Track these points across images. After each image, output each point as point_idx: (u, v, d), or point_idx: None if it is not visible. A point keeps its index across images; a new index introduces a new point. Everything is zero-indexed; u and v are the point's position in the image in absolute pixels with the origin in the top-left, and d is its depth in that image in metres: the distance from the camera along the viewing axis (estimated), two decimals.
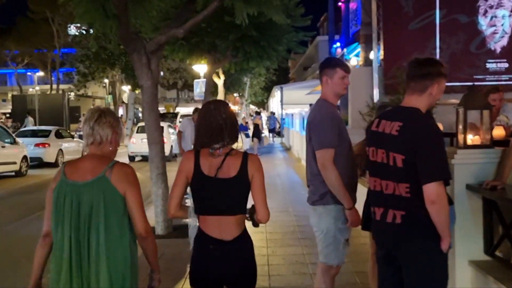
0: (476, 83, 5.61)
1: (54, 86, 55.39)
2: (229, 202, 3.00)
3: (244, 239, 3.06)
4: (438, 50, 10.83)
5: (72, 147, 22.07)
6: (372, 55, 15.70)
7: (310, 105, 25.32)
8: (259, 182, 3.03)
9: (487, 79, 10.99)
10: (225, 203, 3.00)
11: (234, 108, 51.66)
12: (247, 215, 3.08)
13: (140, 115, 63.76)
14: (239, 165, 2.99)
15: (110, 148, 2.94)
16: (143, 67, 7.87)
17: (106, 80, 40.80)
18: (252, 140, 24.62)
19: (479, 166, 4.21)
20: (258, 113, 35.07)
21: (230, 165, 2.99)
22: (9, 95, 54.55)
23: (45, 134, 20.95)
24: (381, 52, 11.26)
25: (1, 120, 47.46)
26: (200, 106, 10.16)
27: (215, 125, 3.01)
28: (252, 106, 63.89)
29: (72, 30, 38.28)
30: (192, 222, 3.15)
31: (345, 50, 20.77)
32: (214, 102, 3.26)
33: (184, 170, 3.04)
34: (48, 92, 53.48)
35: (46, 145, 19.96)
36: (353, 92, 10.80)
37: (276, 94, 45.81)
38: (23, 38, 53.68)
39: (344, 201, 3.87)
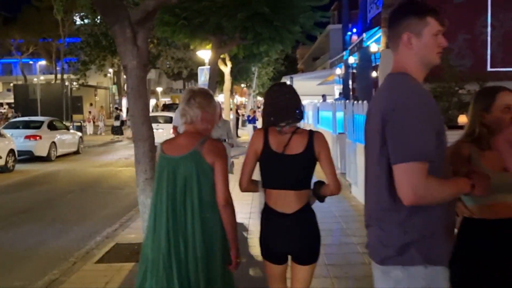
0: None
1: (59, 76, 54.14)
2: (295, 177, 3.19)
3: (305, 213, 3.22)
4: (489, 29, 9.03)
5: (67, 140, 20.49)
6: None
7: (323, 96, 23.65)
8: (326, 157, 3.19)
9: None
10: (291, 178, 3.19)
11: (241, 99, 50.11)
12: (312, 192, 3.27)
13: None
14: (305, 142, 3.18)
15: (203, 126, 3.20)
16: (127, 43, 6.16)
17: (110, 70, 39.36)
18: None
19: None
20: None
21: (297, 142, 3.18)
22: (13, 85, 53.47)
23: (37, 125, 19.34)
24: None
25: (4, 110, 46.44)
26: None
27: (280, 105, 3.25)
28: (259, 98, 62.43)
29: (77, 19, 36.87)
30: (260, 196, 3.41)
31: (364, 35, 18.92)
32: (278, 84, 3.50)
33: (254, 146, 3.26)
34: (53, 82, 52.32)
35: (37, 138, 18.39)
36: (382, 77, 9.00)
37: None
38: (28, 27, 53.34)
39: (460, 190, 2.30)
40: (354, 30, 22.92)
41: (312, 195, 3.27)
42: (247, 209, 8.98)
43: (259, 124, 25.22)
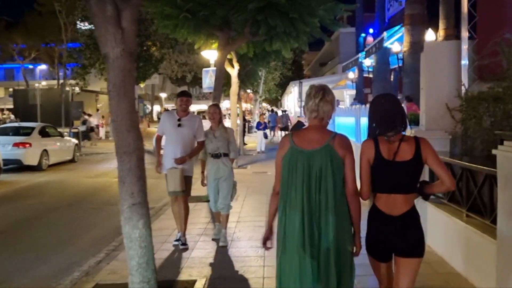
0: None
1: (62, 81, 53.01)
2: (404, 182, 3.50)
3: (411, 215, 3.51)
4: None
5: (60, 147, 18.96)
6: (432, 36, 12.34)
7: (337, 101, 22.07)
8: (435, 159, 3.47)
9: None
10: (401, 183, 3.49)
11: (246, 105, 48.54)
12: (418, 190, 3.57)
13: (147, 111, 61.31)
14: (414, 149, 3.47)
15: (328, 121, 3.55)
16: (108, 24, 4.63)
17: None
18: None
19: None
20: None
21: (406, 150, 3.47)
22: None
23: (28, 132, 17.84)
24: (463, 24, 7.79)
25: (4, 115, 45.12)
26: (210, 103, 7.89)
27: (388, 115, 3.52)
28: (264, 104, 60.84)
29: (80, 25, 35.49)
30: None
31: (384, 34, 17.33)
32: (384, 95, 3.72)
33: (366, 155, 3.56)
34: (56, 87, 51.10)
35: (27, 145, 16.87)
36: (429, 75, 7.42)
37: (293, 90, 42.57)
38: (30, 32, 52.73)
39: None
40: (371, 30, 21.34)
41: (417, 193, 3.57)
42: None
43: (268, 131, 23.82)
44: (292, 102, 44.25)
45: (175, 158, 6.81)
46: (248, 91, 38.73)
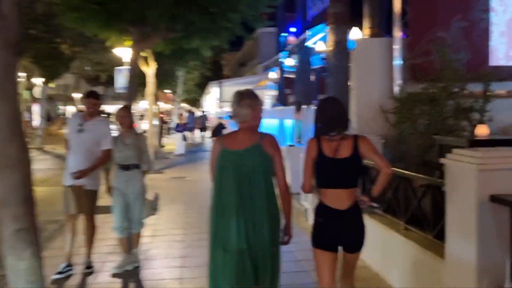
0: None
1: None
2: (346, 177, 3.76)
3: (355, 209, 3.77)
4: (492, 14, 7.12)
5: None
6: (357, 34, 11.97)
7: (277, 100, 21.51)
8: (371, 150, 3.75)
9: None
10: (343, 178, 3.76)
11: (165, 106, 47.16)
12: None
13: (60, 112, 58.21)
14: (352, 146, 3.74)
15: (254, 123, 3.71)
16: None
17: (23, 74, 35.61)
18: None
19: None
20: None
21: (345, 147, 3.74)
22: None
23: None
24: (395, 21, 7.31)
25: None
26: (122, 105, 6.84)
27: (331, 117, 3.79)
28: (182, 104, 59.66)
29: None
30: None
31: (307, 33, 16.94)
32: (327, 98, 4.11)
33: (310, 153, 3.82)
34: None
35: None
36: (360, 75, 6.91)
37: (212, 91, 41.79)
38: None
39: None
40: (293, 29, 20.96)
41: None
42: None
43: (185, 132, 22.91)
44: (212, 102, 43.49)
45: (72, 172, 5.83)
46: (167, 91, 37.46)
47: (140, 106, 29.25)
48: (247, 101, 3.65)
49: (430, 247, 4.72)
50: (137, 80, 12.38)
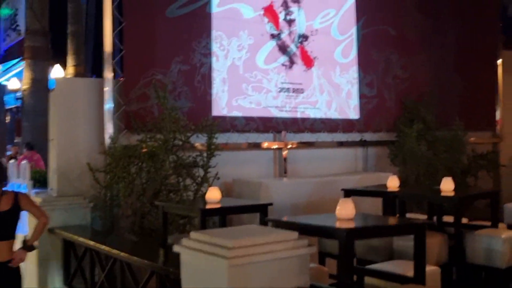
0: None
1: None
2: (5, 229, 3.98)
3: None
4: (213, 59, 6.33)
5: None
6: (59, 72, 10.39)
7: None
8: (30, 204, 4.18)
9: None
10: (2, 231, 3.96)
11: None
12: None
13: None
14: (12, 201, 4.01)
15: None
16: None
17: None
18: None
19: None
20: None
21: (5, 202, 3.98)
22: None
23: None
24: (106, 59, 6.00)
25: None
26: None
27: None
28: None
29: None
30: None
31: None
32: None
33: None
34: None
35: None
36: (62, 122, 5.37)
37: None
38: None
39: None
40: None
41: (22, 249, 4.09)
42: None
43: None
44: None
45: None
46: None
47: None
48: None
49: None
50: None
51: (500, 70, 9.39)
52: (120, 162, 5.13)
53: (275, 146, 6.94)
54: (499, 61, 9.37)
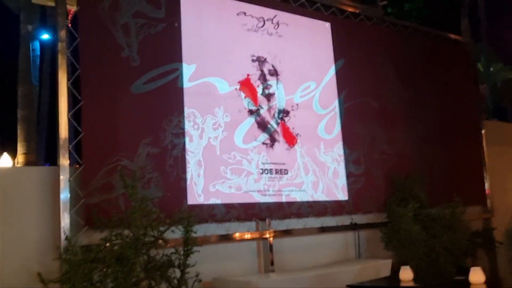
0: None
1: None
2: None
3: None
4: (187, 140, 5.53)
5: None
6: (8, 161, 9.34)
7: None
8: None
9: None
10: None
11: None
12: None
13: None
14: None
15: None
16: None
17: None
18: None
19: None
20: None
21: None
22: None
23: None
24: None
25: None
26: None
27: None
28: None
29: None
30: None
31: None
32: None
33: None
34: None
35: None
36: (6, 220, 4.41)
37: None
38: None
39: None
40: None
41: None
42: None
43: None
44: None
45: None
46: None
47: None
48: None
49: None
50: None
51: (484, 141, 9.00)
52: (79, 270, 4.14)
53: (259, 236, 6.08)
54: (483, 131, 9.00)
